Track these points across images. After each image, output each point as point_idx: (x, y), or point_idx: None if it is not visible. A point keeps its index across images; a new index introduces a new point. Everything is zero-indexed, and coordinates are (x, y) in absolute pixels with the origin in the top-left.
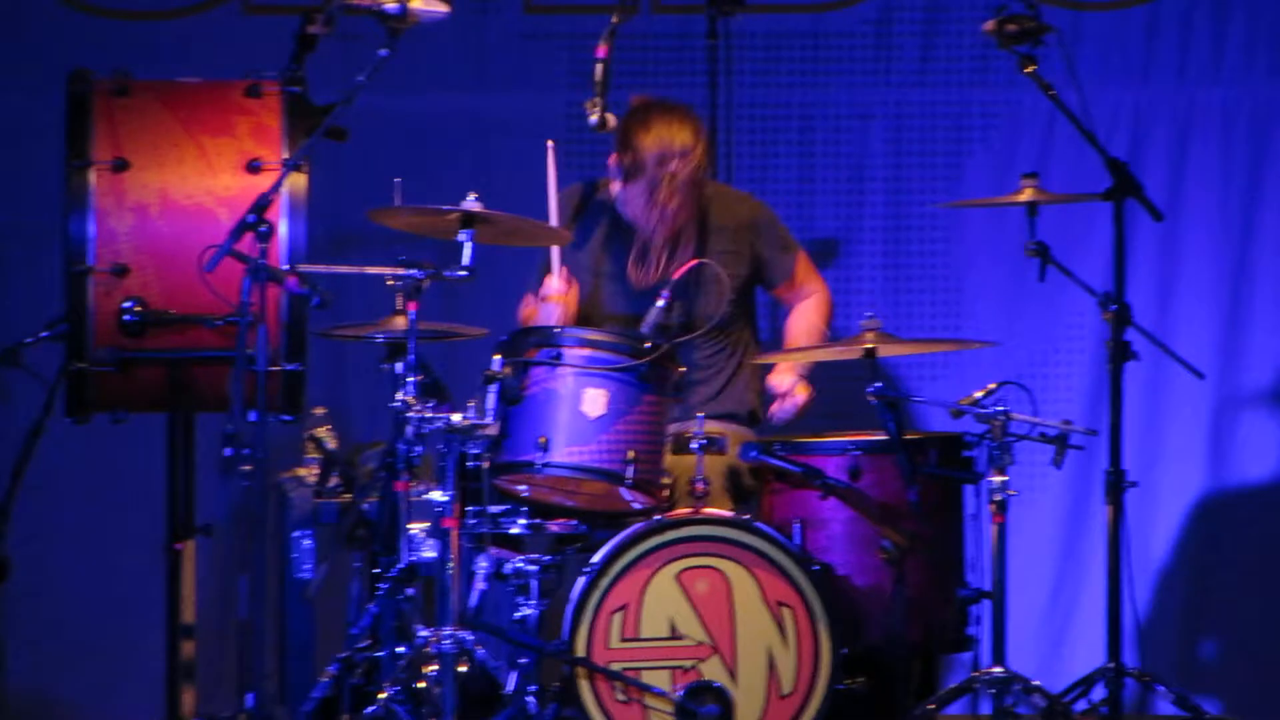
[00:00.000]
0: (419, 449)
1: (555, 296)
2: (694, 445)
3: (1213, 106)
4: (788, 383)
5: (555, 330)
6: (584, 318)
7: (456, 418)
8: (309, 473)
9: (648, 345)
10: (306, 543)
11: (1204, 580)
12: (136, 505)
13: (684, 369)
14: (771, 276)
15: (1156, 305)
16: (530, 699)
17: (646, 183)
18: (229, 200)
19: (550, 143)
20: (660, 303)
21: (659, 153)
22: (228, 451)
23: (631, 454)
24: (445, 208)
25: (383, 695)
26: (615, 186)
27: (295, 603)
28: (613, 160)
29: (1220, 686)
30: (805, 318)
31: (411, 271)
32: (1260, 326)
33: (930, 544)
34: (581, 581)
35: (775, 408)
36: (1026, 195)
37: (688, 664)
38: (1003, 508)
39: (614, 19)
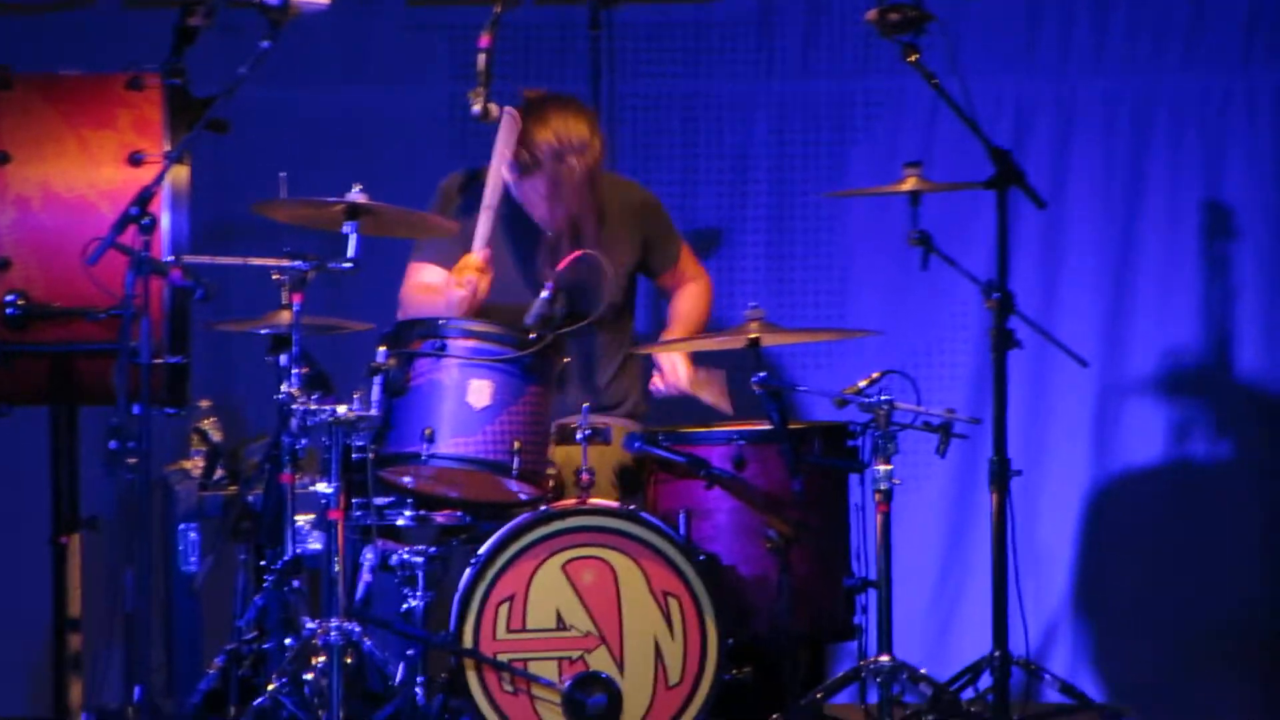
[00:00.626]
0: (304, 441)
1: (475, 264)
2: (579, 436)
3: (1095, 95)
4: (673, 366)
5: (439, 321)
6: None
7: (341, 410)
8: (194, 465)
9: (532, 336)
10: (192, 535)
11: (1090, 567)
12: (20, 498)
13: (568, 360)
14: (658, 263)
15: (1040, 293)
16: (418, 690)
17: (544, 179)
18: (111, 193)
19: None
20: (544, 294)
21: (556, 148)
22: (112, 444)
23: (517, 444)
24: (329, 199)
25: (270, 687)
26: (509, 176)
27: (181, 595)
28: (511, 154)
29: (1107, 673)
30: (688, 302)
31: (296, 264)
32: (1143, 313)
33: (816, 533)
34: (468, 573)
35: (659, 384)
36: (909, 184)
37: (575, 655)
38: (888, 497)
39: (496, 9)
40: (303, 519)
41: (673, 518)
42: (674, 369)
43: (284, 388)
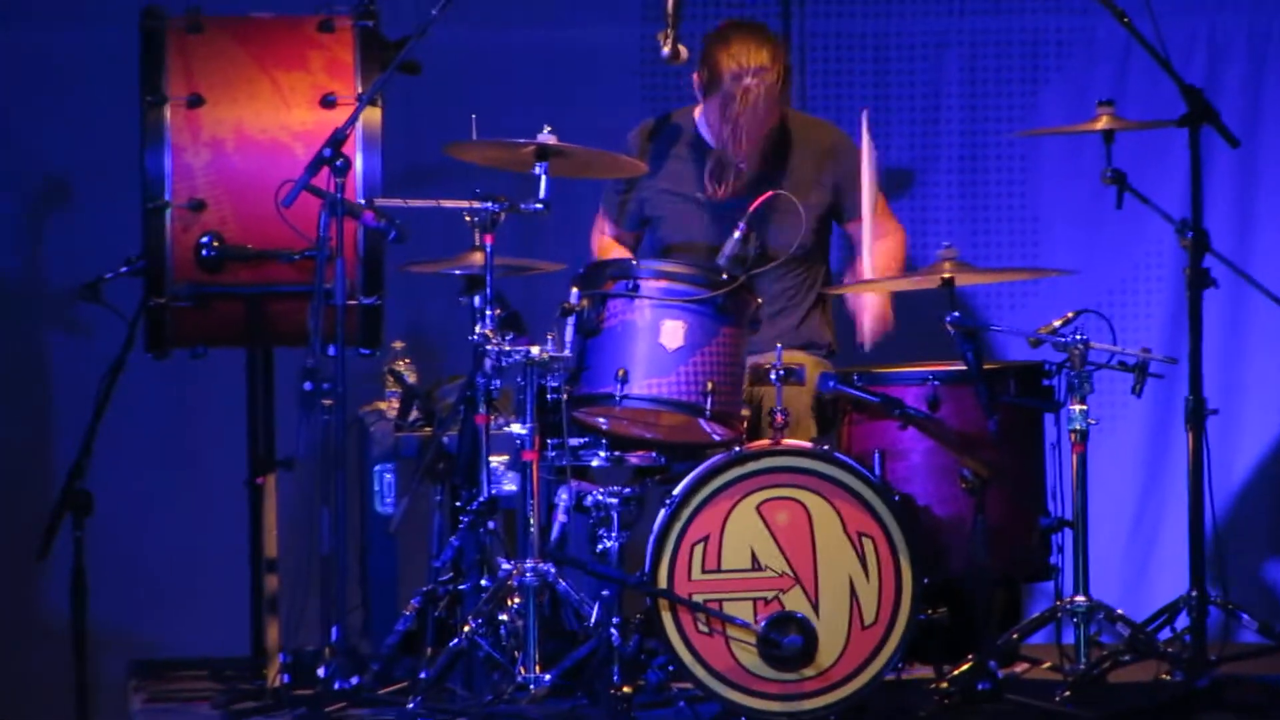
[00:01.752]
0: (498, 382)
1: None
2: (773, 376)
3: None
4: (877, 304)
5: (632, 262)
6: (665, 246)
7: (535, 350)
8: (389, 406)
9: (725, 276)
10: (388, 476)
11: None
12: (218, 440)
13: (761, 300)
14: (849, 209)
15: (1235, 232)
16: (613, 631)
17: (721, 97)
18: (304, 135)
19: (865, 111)
20: (737, 234)
21: (735, 68)
22: (307, 386)
23: (710, 385)
24: (520, 141)
25: (466, 628)
26: (699, 113)
27: (377, 536)
28: (695, 78)
29: None
30: (882, 259)
31: (487, 205)
32: None
33: (1011, 473)
34: (662, 514)
35: (867, 327)
36: (1103, 123)
37: (770, 595)
38: (1083, 436)
39: None
40: (497, 460)
41: (867, 458)
42: (875, 317)
43: (478, 329)
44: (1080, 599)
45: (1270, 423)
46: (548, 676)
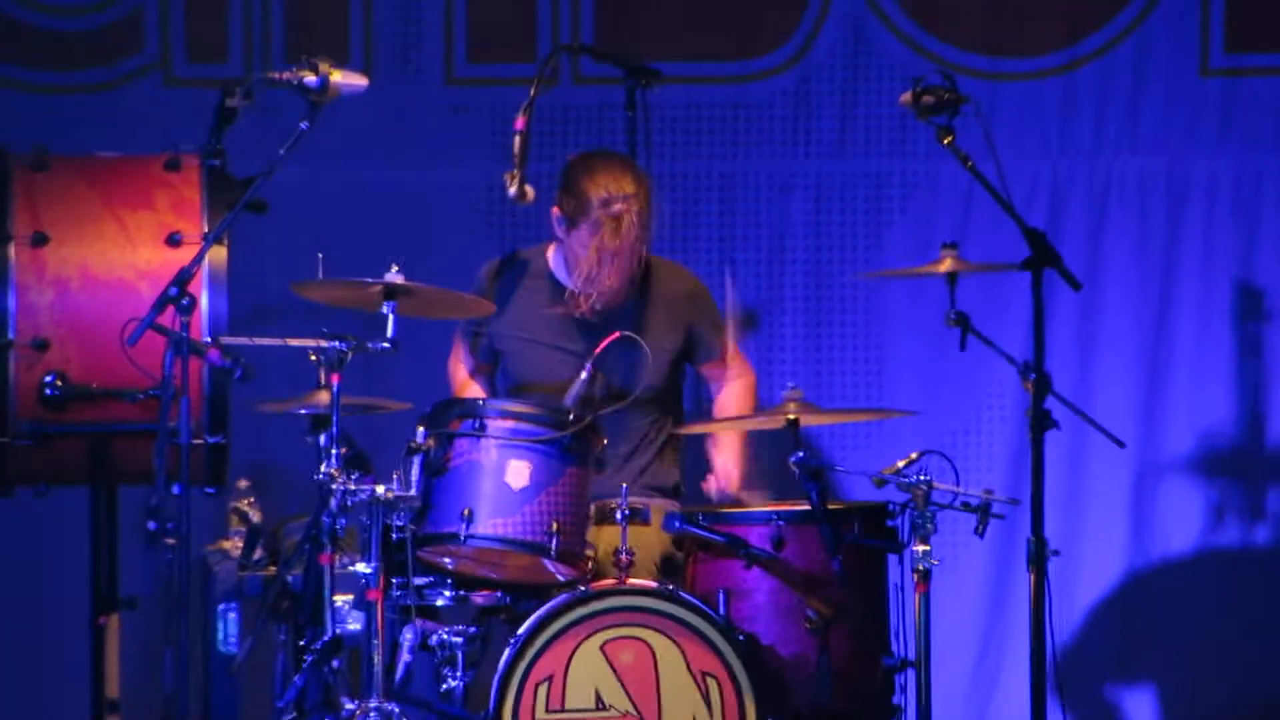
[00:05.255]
0: (343, 521)
1: None
2: (619, 516)
3: (1129, 175)
4: (729, 470)
5: (478, 402)
6: (513, 384)
7: (380, 489)
8: (233, 545)
9: (571, 417)
10: (231, 616)
11: (1128, 647)
12: (61, 579)
13: (606, 441)
14: (702, 354)
15: (1077, 373)
16: None
17: (590, 225)
18: (150, 274)
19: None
20: (583, 374)
21: (604, 195)
22: (151, 525)
23: (555, 525)
24: (367, 280)
25: None
26: (551, 251)
27: (220, 676)
28: (555, 211)
29: None
30: (733, 404)
31: (334, 344)
32: (1180, 393)
33: (855, 613)
34: (507, 653)
35: (713, 487)
36: (946, 265)
37: None
38: (926, 577)
39: (532, 91)
40: (342, 599)
41: (712, 597)
42: (728, 476)
43: (323, 467)
44: None
45: (1111, 561)
46: None
